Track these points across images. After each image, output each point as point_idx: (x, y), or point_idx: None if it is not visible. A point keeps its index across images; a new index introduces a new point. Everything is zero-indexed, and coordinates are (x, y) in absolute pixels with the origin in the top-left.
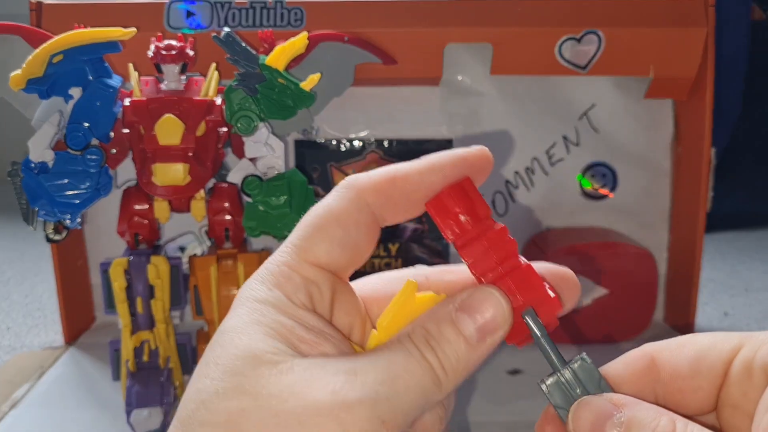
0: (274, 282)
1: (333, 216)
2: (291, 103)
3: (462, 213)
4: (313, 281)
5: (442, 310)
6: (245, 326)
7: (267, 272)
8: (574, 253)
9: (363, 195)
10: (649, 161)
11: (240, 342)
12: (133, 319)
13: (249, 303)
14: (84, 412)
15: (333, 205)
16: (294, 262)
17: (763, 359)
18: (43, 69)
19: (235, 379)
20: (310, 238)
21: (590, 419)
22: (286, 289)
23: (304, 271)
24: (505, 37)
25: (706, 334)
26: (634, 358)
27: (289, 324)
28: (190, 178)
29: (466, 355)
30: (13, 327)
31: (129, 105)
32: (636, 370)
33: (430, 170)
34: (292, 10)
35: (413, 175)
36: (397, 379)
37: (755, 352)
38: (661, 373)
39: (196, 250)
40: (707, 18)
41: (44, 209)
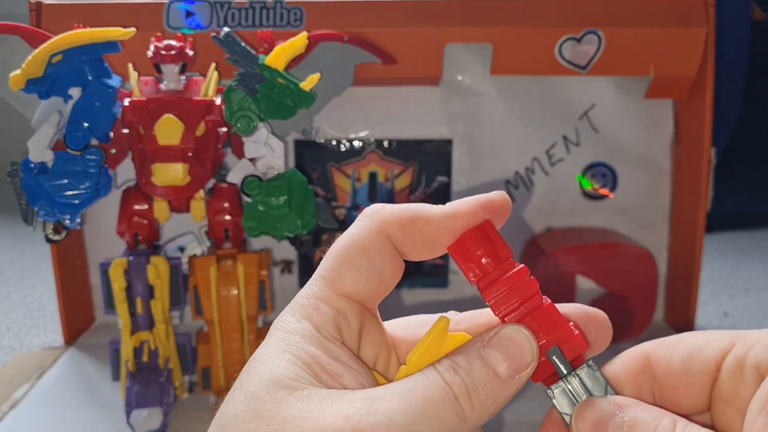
0: (304, 314)
1: (357, 246)
2: (291, 103)
3: (483, 256)
4: (342, 312)
5: (471, 346)
6: (271, 353)
7: (297, 305)
8: (575, 254)
9: (386, 227)
10: (650, 161)
11: (263, 368)
12: (132, 319)
13: (279, 333)
14: (84, 413)
15: (357, 235)
16: (322, 294)
17: (755, 358)
18: (42, 69)
19: (253, 402)
20: (337, 269)
21: (592, 420)
22: (315, 321)
23: (332, 302)
24: (505, 37)
25: (701, 333)
26: (630, 357)
27: (315, 353)
28: (189, 178)
29: (496, 391)
30: (12, 327)
31: (128, 105)
32: (632, 369)
33: (453, 216)
34: (291, 10)
35: (436, 219)
36: (415, 407)
37: (747, 351)
38: (656, 371)
39: (196, 250)
40: (707, 18)
41: (44, 209)
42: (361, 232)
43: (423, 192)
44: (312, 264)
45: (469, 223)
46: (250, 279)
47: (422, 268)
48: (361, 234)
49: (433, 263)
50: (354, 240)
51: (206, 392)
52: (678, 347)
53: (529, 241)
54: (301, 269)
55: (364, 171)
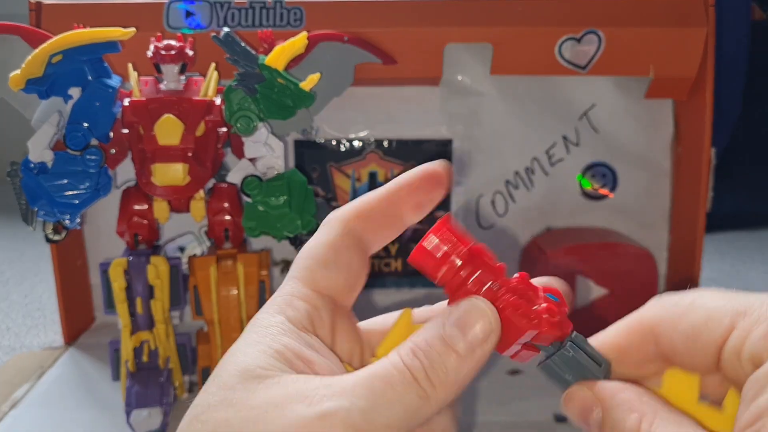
0: (277, 309)
1: (323, 244)
2: (290, 103)
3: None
4: (314, 305)
5: (430, 326)
6: (245, 346)
7: (272, 303)
8: (574, 254)
9: (347, 223)
10: (649, 161)
11: (236, 359)
12: (132, 319)
13: (254, 328)
14: (84, 413)
15: (322, 236)
16: (295, 291)
17: (750, 348)
18: (42, 69)
19: (225, 392)
20: (307, 267)
21: (576, 412)
22: (288, 314)
23: (305, 297)
24: (505, 36)
25: (704, 300)
26: (634, 330)
27: (288, 342)
28: (189, 178)
29: (457, 367)
30: (12, 327)
31: (128, 105)
32: (634, 342)
33: (398, 187)
34: (291, 10)
35: (384, 195)
36: (375, 391)
37: (744, 339)
38: (659, 344)
39: (196, 250)
40: (707, 18)
41: (44, 209)
42: (326, 233)
43: None
44: None
45: (414, 190)
46: (250, 279)
47: None
48: (326, 234)
49: None
50: (320, 240)
51: None
52: (680, 326)
53: (529, 241)
54: None
55: (364, 171)
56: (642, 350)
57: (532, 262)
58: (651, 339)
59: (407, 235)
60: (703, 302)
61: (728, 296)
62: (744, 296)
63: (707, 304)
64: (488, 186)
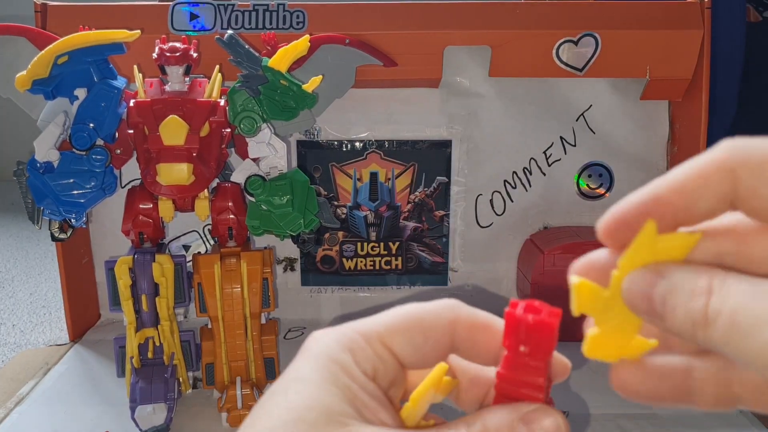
0: (348, 346)
1: (423, 323)
2: (293, 104)
3: (525, 345)
4: (381, 358)
5: (507, 414)
6: (321, 381)
7: (343, 335)
8: (571, 252)
9: (456, 323)
10: (645, 161)
11: (315, 395)
12: (137, 316)
13: (322, 359)
14: (89, 409)
15: (428, 313)
16: (370, 337)
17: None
18: (48, 70)
19: (306, 428)
20: (393, 328)
21: (637, 294)
22: (357, 356)
23: (377, 347)
24: (503, 39)
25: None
26: (707, 172)
27: (356, 389)
28: (194, 178)
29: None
30: (18, 324)
31: (133, 106)
32: (710, 184)
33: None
34: (294, 12)
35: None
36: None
37: None
38: (738, 192)
39: (200, 248)
40: (703, 20)
41: (49, 208)
42: (432, 314)
43: (423, 191)
44: (314, 262)
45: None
46: (253, 276)
47: (423, 266)
48: (432, 316)
49: (434, 261)
50: (423, 315)
51: (210, 388)
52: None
53: (526, 240)
54: (304, 267)
55: (365, 171)
56: (714, 196)
57: (529, 260)
58: (728, 184)
59: (408, 234)
60: None
61: None
62: None
63: None
64: (487, 186)
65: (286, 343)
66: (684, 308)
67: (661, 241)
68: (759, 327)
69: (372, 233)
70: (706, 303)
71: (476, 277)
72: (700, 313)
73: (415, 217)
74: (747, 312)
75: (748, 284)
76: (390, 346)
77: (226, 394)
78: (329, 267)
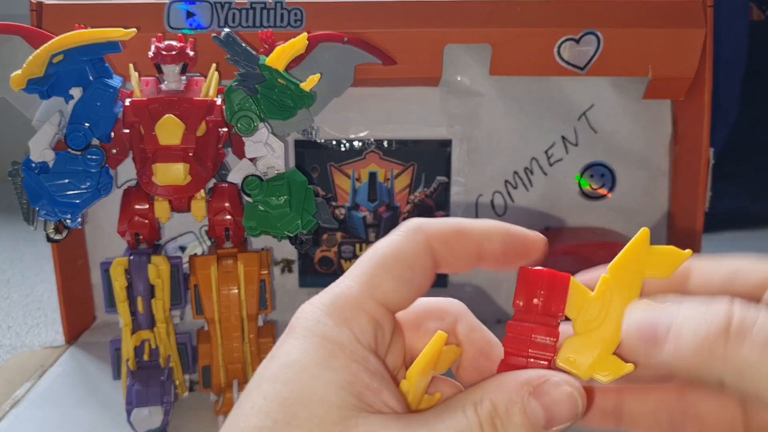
0: (343, 318)
1: (402, 256)
2: (291, 104)
3: (539, 297)
4: (379, 322)
5: (515, 388)
6: (314, 367)
7: (334, 306)
8: (573, 253)
9: (430, 240)
10: (648, 161)
11: (308, 385)
12: (133, 318)
13: (316, 338)
14: (84, 411)
15: (401, 246)
16: (362, 299)
17: None
18: (43, 69)
19: (299, 426)
20: (378, 276)
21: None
22: (354, 329)
23: (371, 309)
24: (504, 37)
25: (743, 258)
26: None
27: (356, 370)
28: (190, 178)
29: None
30: (13, 326)
31: (129, 105)
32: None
33: (493, 232)
34: (291, 10)
35: (476, 233)
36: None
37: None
38: (690, 283)
39: (197, 249)
40: (706, 19)
41: (45, 209)
42: (406, 243)
43: (423, 191)
44: (312, 263)
45: (505, 246)
46: (250, 278)
47: None
48: (406, 246)
49: None
50: (398, 250)
51: (207, 390)
52: (721, 267)
53: None
54: (302, 268)
55: (364, 171)
56: (669, 286)
57: None
58: (682, 280)
59: None
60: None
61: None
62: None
63: (748, 259)
64: (487, 186)
65: None
66: (696, 325)
67: (652, 252)
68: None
69: (371, 234)
70: (728, 317)
71: (476, 278)
72: (720, 326)
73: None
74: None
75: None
76: (384, 297)
77: (223, 397)
78: (327, 268)
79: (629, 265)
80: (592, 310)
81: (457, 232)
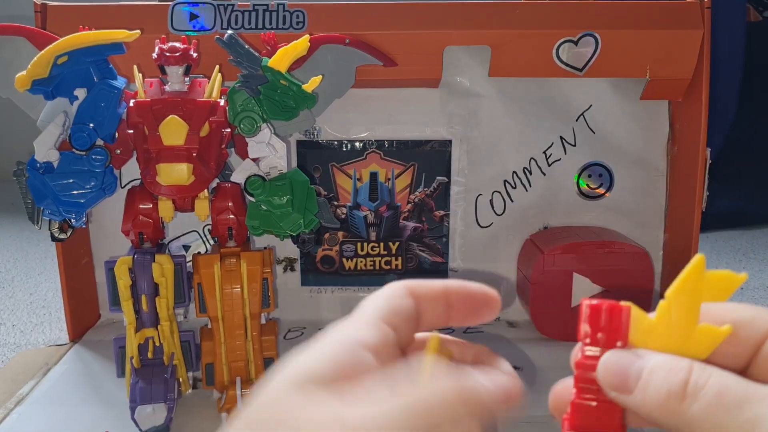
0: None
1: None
2: (293, 104)
3: (602, 330)
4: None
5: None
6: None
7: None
8: (571, 252)
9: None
10: (645, 161)
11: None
12: (137, 316)
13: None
14: (89, 409)
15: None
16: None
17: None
18: (48, 70)
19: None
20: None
21: (614, 369)
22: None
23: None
24: (503, 39)
25: (748, 308)
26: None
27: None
28: (193, 178)
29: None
30: (18, 324)
31: (133, 106)
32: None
33: (457, 289)
34: (294, 12)
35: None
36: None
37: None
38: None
39: (200, 248)
40: (703, 20)
41: (49, 208)
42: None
43: (423, 191)
44: (314, 262)
45: (467, 301)
46: (253, 277)
47: (423, 267)
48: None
49: (434, 261)
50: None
51: (210, 388)
52: (725, 317)
53: (526, 240)
54: (304, 267)
55: (365, 171)
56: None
57: (529, 260)
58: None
59: (408, 233)
60: (745, 306)
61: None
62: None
63: (751, 308)
64: (487, 186)
65: (286, 343)
66: (660, 382)
67: (708, 277)
68: (747, 403)
69: (372, 233)
70: (686, 378)
71: (476, 278)
72: (679, 385)
73: (415, 217)
74: (737, 389)
75: (725, 371)
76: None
77: (226, 395)
78: (329, 267)
79: (687, 291)
80: (656, 338)
81: (425, 288)
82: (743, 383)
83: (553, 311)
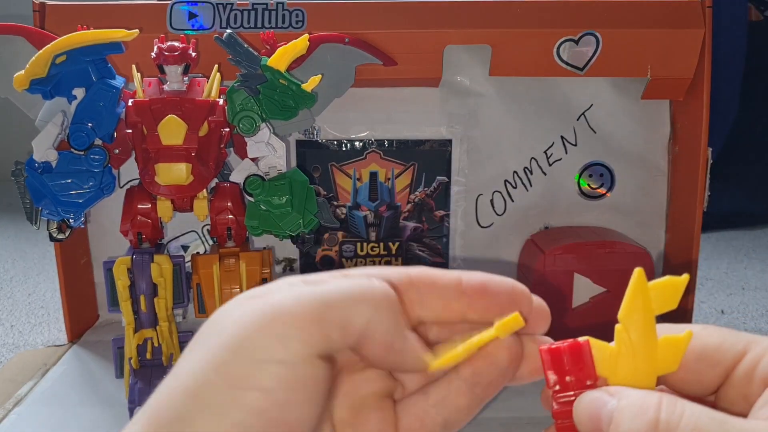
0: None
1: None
2: (292, 104)
3: (568, 373)
4: None
5: None
6: None
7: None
8: (572, 252)
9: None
10: (647, 161)
11: None
12: (136, 317)
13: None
14: (87, 410)
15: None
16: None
17: (764, 370)
18: (46, 70)
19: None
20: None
21: (588, 410)
22: None
23: None
24: (503, 38)
25: (715, 331)
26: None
27: None
28: (192, 178)
29: None
30: (16, 325)
31: (132, 105)
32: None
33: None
34: (293, 11)
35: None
36: None
37: (758, 362)
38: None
39: (199, 248)
40: (705, 19)
41: (48, 208)
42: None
43: (423, 191)
44: (314, 262)
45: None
46: (252, 277)
47: (423, 265)
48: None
49: (434, 261)
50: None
51: None
52: (693, 344)
53: (527, 240)
54: (303, 267)
55: (364, 171)
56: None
57: (530, 260)
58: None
59: (408, 234)
60: (712, 331)
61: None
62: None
63: (719, 333)
64: (487, 185)
65: None
66: (628, 424)
67: (653, 288)
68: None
69: (372, 233)
70: (655, 417)
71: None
72: (648, 425)
73: (415, 217)
74: (710, 426)
75: (697, 405)
76: None
77: None
78: (329, 267)
79: (637, 308)
80: (622, 364)
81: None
82: (717, 419)
83: (553, 311)
